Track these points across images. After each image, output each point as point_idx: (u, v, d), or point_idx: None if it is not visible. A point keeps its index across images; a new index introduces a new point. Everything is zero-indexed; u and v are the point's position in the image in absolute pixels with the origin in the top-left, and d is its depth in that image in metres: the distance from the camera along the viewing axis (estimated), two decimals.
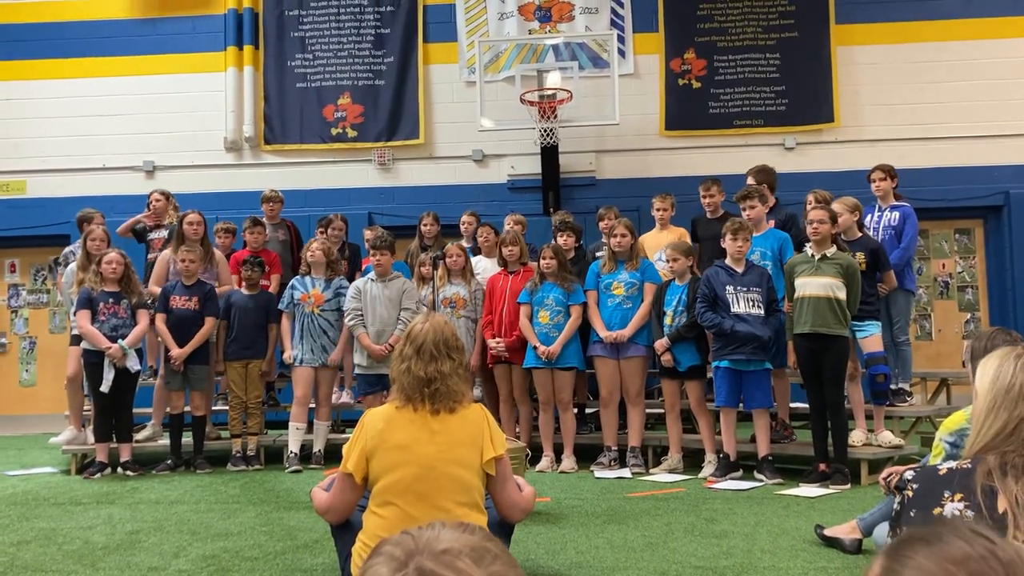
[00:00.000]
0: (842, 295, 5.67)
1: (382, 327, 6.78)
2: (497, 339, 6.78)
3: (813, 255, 5.80)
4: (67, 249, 7.84)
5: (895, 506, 1.85)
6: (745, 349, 5.93)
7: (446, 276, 7.09)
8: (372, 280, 6.88)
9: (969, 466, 1.76)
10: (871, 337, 6.00)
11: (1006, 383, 1.80)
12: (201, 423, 6.99)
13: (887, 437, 6.09)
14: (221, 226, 7.89)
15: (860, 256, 6.07)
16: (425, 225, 8.04)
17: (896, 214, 6.71)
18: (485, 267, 7.43)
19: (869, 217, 6.79)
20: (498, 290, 6.93)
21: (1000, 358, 1.85)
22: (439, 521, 0.99)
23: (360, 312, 6.81)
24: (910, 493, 1.80)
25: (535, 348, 6.57)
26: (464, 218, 8.12)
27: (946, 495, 1.74)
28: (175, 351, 6.74)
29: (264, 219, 7.98)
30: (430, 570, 0.90)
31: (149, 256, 7.58)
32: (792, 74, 10.10)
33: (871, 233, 6.59)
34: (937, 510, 1.73)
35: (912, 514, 1.77)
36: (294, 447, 6.84)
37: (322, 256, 6.99)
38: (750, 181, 7.13)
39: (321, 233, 7.94)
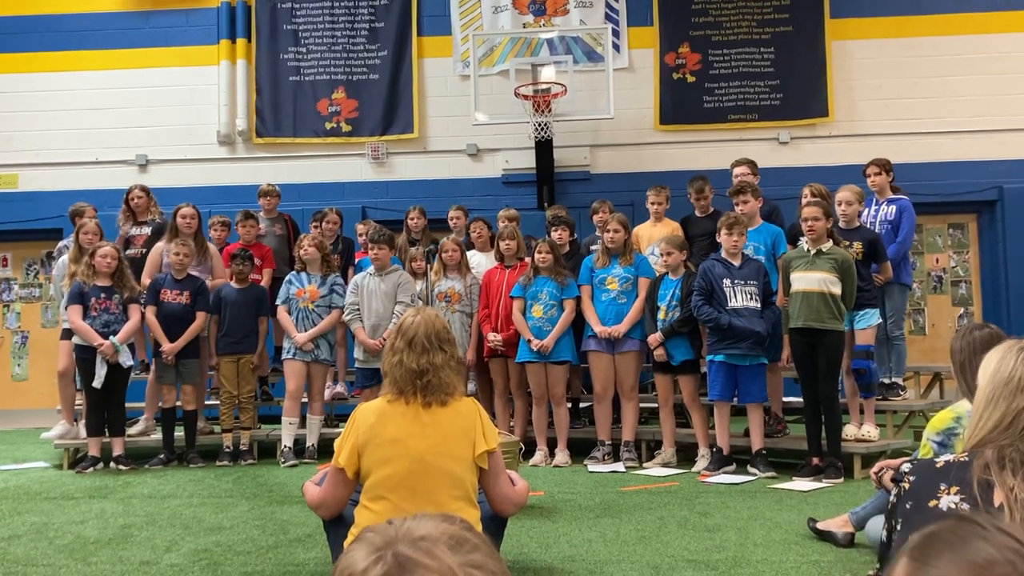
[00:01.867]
0: (837, 290, 5.67)
1: (378, 321, 6.77)
2: (495, 334, 6.77)
3: (809, 250, 5.80)
4: (61, 243, 7.80)
5: (891, 498, 1.84)
6: (742, 344, 5.93)
7: (441, 271, 7.08)
8: (370, 274, 6.88)
9: (966, 459, 1.76)
10: (868, 329, 6.01)
11: (1006, 375, 1.79)
12: (192, 417, 6.96)
13: (863, 430, 6.09)
14: (216, 219, 7.88)
15: (858, 246, 6.08)
16: (412, 219, 8.02)
17: (893, 208, 6.70)
18: (479, 262, 7.41)
19: (866, 211, 6.78)
20: (495, 284, 6.92)
21: (1003, 351, 1.84)
22: (422, 512, 1.00)
23: (357, 307, 6.81)
24: (906, 485, 1.79)
25: (528, 342, 6.56)
26: (452, 212, 8.08)
27: (942, 488, 1.73)
28: (166, 345, 6.71)
29: (259, 213, 7.97)
30: (406, 556, 0.91)
31: (129, 252, 7.50)
32: (786, 68, 10.09)
33: (868, 227, 6.58)
34: (933, 503, 1.72)
35: (908, 506, 1.76)
36: (288, 441, 6.84)
37: (316, 252, 6.97)
38: (740, 171, 7.12)
39: (315, 227, 7.91)
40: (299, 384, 6.90)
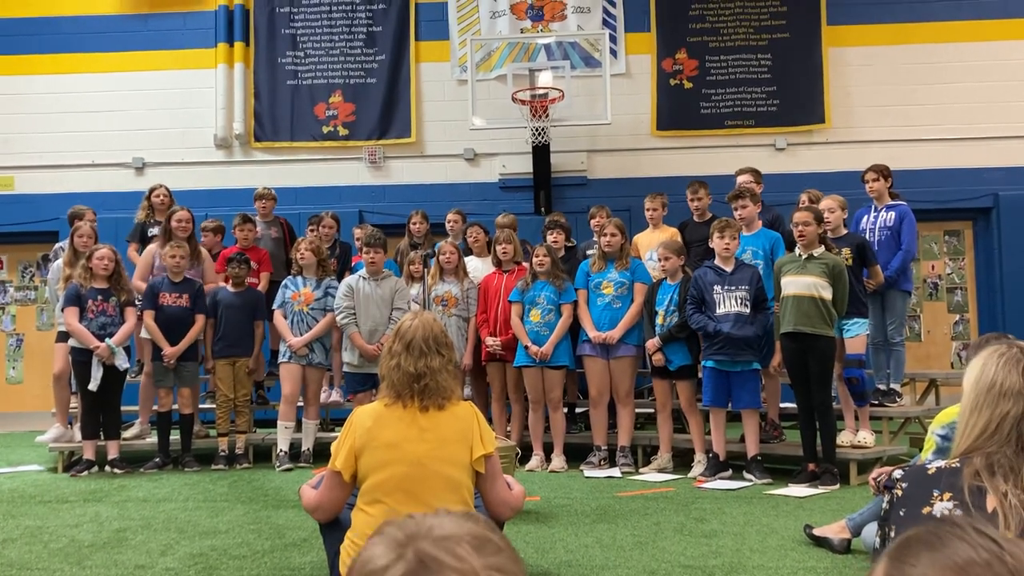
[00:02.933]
0: (827, 295, 5.67)
1: (374, 326, 6.77)
2: (494, 338, 6.77)
3: (800, 254, 5.81)
4: (58, 245, 7.78)
5: (884, 505, 1.84)
6: (729, 349, 5.93)
7: (438, 274, 7.08)
8: (364, 278, 6.86)
9: (957, 465, 1.76)
10: (856, 338, 6.00)
11: (988, 381, 1.80)
12: (189, 421, 6.95)
13: (859, 437, 6.10)
14: (208, 224, 7.85)
15: (846, 252, 6.09)
16: (414, 224, 8.03)
17: (892, 214, 6.69)
18: (476, 267, 7.41)
19: (865, 218, 6.79)
20: (492, 289, 6.92)
21: (985, 357, 1.85)
22: (443, 509, 0.97)
23: (352, 310, 6.80)
24: (899, 492, 1.80)
25: (527, 348, 6.56)
26: (450, 216, 8.09)
27: (935, 494, 1.73)
28: (168, 349, 6.70)
29: (256, 216, 7.97)
30: (429, 554, 0.88)
31: None
32: (783, 75, 10.12)
33: (867, 234, 6.59)
34: (926, 509, 1.73)
35: (901, 513, 1.77)
36: (283, 445, 6.83)
37: (312, 257, 6.97)
38: (743, 179, 7.13)
39: (312, 231, 7.92)
40: (295, 388, 6.89)
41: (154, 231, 7.63)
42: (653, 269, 6.73)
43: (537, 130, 9.19)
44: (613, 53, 9.99)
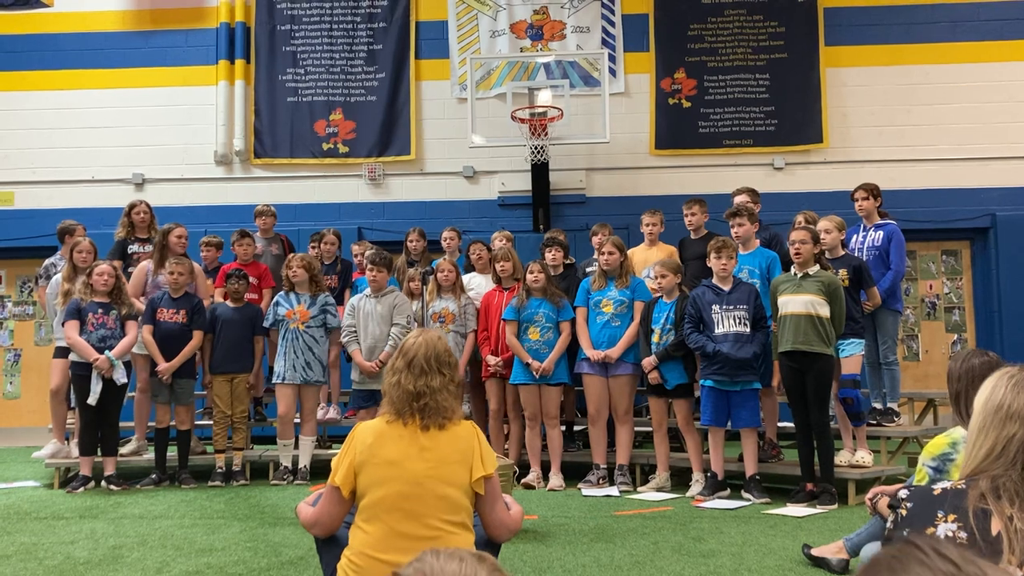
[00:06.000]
0: (825, 312, 5.67)
1: (374, 343, 6.81)
2: (494, 356, 6.76)
3: (796, 273, 5.82)
4: (48, 261, 7.74)
5: (888, 524, 1.84)
6: (728, 369, 5.93)
7: (436, 291, 7.10)
8: (367, 296, 6.91)
9: (963, 487, 1.76)
10: (852, 357, 6.00)
11: (996, 403, 1.79)
12: (186, 437, 6.94)
13: (857, 456, 6.09)
14: (207, 240, 7.85)
15: (843, 273, 6.09)
16: (411, 241, 8.05)
17: (880, 233, 6.72)
18: (479, 284, 7.42)
19: (854, 237, 6.80)
20: (493, 306, 6.93)
21: (995, 379, 1.85)
22: (442, 551, 0.95)
23: (354, 328, 6.85)
24: (903, 512, 1.79)
25: (529, 365, 6.54)
26: (446, 234, 8.10)
27: (939, 515, 1.73)
28: (163, 365, 6.69)
29: (256, 233, 7.98)
30: None
31: (131, 269, 7.49)
32: (781, 95, 10.17)
33: (856, 253, 6.61)
34: (930, 530, 1.72)
35: (905, 533, 1.76)
36: (285, 461, 6.87)
37: (304, 274, 6.94)
38: (740, 199, 7.16)
39: (313, 248, 7.93)
40: (290, 409, 6.89)
41: (134, 248, 7.61)
42: (650, 285, 6.73)
43: (536, 148, 9.23)
44: (612, 72, 10.05)
